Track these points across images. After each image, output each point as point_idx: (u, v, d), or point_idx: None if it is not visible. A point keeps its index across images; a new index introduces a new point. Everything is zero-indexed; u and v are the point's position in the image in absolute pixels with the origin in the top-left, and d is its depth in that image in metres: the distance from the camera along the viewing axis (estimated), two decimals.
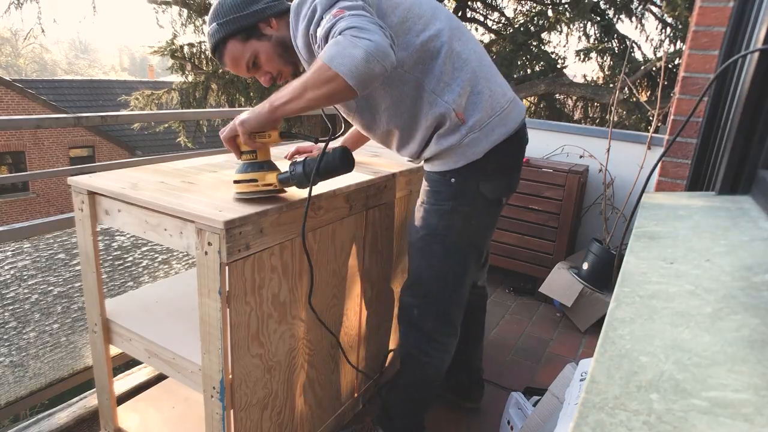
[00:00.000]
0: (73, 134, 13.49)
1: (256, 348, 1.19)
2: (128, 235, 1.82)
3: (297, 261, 1.26)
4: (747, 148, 0.99)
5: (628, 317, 0.56)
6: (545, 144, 3.05)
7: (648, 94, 7.66)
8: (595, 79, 8.69)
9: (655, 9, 7.76)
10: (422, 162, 1.40)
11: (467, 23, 8.43)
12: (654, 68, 7.23)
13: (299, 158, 1.30)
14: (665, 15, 7.47)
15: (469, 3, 8.37)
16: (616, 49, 7.95)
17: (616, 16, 7.84)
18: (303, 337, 1.35)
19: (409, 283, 1.44)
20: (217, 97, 7.74)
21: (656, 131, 2.58)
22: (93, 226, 1.30)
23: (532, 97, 8.38)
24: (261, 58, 1.26)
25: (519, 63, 7.88)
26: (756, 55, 0.99)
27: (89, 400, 1.68)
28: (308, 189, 1.15)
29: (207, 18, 1.26)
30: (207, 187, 1.27)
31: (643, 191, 1.06)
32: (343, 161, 1.14)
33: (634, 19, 7.77)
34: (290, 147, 1.71)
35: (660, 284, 0.63)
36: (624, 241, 1.03)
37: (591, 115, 8.65)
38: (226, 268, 1.06)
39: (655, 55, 7.95)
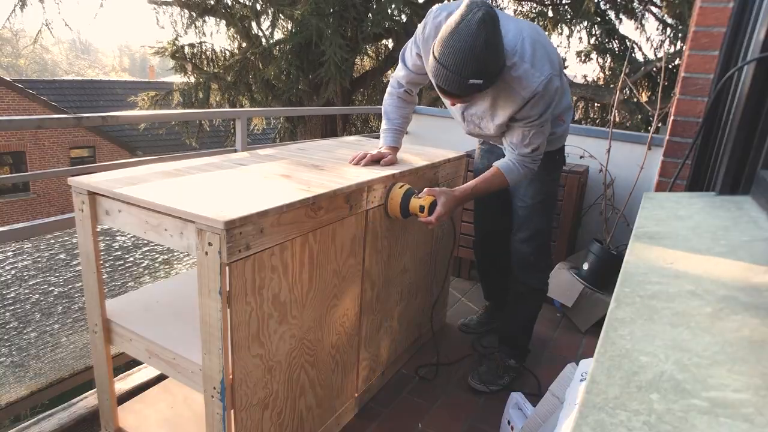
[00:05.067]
0: (74, 134, 13.49)
1: (256, 348, 1.19)
2: (129, 236, 1.82)
3: (297, 261, 1.26)
4: (747, 148, 0.99)
5: (629, 317, 0.56)
6: None
7: (648, 94, 7.66)
8: (595, 79, 8.69)
9: (655, 9, 7.75)
10: None
11: None
12: (654, 69, 7.23)
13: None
14: (665, 16, 7.47)
15: None
16: (617, 49, 7.95)
17: (617, 16, 7.84)
18: (303, 337, 1.35)
19: (528, 236, 1.86)
20: (219, 97, 7.74)
21: (656, 131, 2.58)
22: (93, 226, 1.30)
23: None
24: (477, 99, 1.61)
25: None
26: (756, 56, 0.99)
27: (90, 400, 1.68)
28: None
29: (461, 67, 1.32)
30: (207, 188, 1.27)
31: (672, 184, 1.06)
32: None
33: (634, 19, 7.76)
34: (356, 150, 1.79)
35: (660, 284, 0.63)
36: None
37: (591, 116, 8.65)
38: (227, 268, 1.06)
39: (655, 55, 7.94)
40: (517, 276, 1.94)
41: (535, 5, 8.29)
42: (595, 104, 8.43)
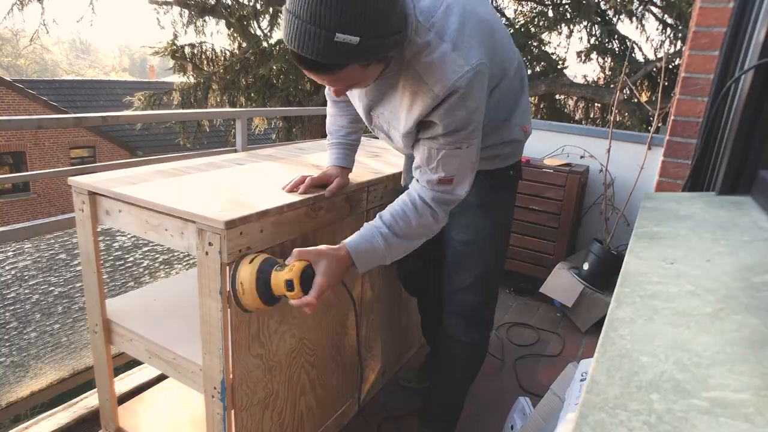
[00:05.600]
0: (74, 134, 13.49)
1: (256, 348, 1.19)
2: (129, 236, 1.82)
3: None
4: (747, 148, 0.99)
5: (629, 317, 0.56)
6: (546, 144, 3.05)
7: (648, 94, 7.66)
8: (595, 79, 8.70)
9: (655, 10, 7.76)
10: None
11: None
12: (654, 69, 7.23)
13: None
14: (665, 16, 7.48)
15: None
16: (617, 49, 7.95)
17: (617, 16, 7.84)
18: (303, 337, 1.35)
19: (472, 281, 1.38)
20: (218, 97, 7.74)
21: (657, 131, 2.58)
22: (94, 226, 1.30)
23: (533, 98, 8.38)
24: (363, 82, 1.01)
25: None
26: (756, 57, 0.99)
27: (90, 400, 1.68)
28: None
29: (323, 15, 0.82)
30: (208, 188, 1.27)
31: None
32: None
33: (634, 19, 7.77)
34: (293, 174, 1.34)
35: (660, 284, 0.63)
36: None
37: (591, 116, 8.65)
38: (227, 268, 1.06)
39: (655, 55, 7.95)
40: (452, 331, 1.44)
41: (535, 5, 8.29)
42: (596, 104, 8.44)
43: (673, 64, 6.88)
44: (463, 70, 0.97)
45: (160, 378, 1.81)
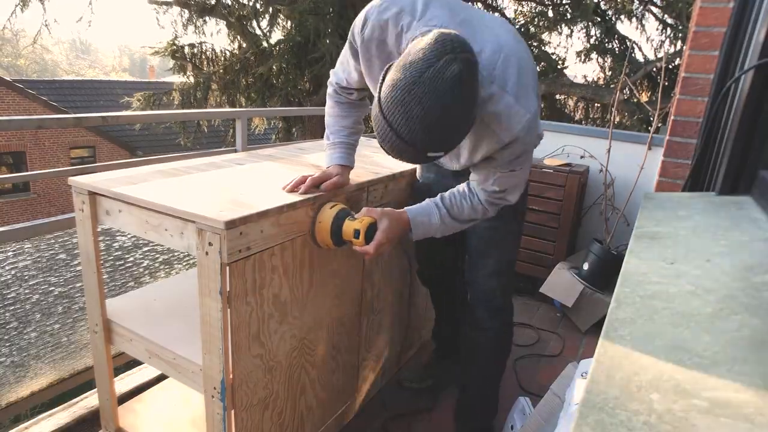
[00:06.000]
0: (74, 134, 13.49)
1: (257, 348, 1.19)
2: (129, 236, 1.82)
3: (297, 261, 1.26)
4: (747, 148, 0.99)
5: (629, 317, 0.56)
6: (546, 144, 3.05)
7: (648, 94, 7.66)
8: (595, 79, 8.69)
9: (655, 10, 7.76)
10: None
11: None
12: (654, 69, 7.23)
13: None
14: (665, 16, 7.48)
15: (470, 3, 8.36)
16: (617, 49, 7.95)
17: (617, 16, 7.84)
18: (304, 337, 1.35)
19: (495, 268, 1.48)
20: (218, 97, 7.74)
21: (657, 132, 2.58)
22: (94, 226, 1.30)
23: None
24: None
25: None
26: (756, 57, 0.99)
27: (90, 400, 1.68)
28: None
29: (418, 140, 0.94)
30: (208, 188, 1.27)
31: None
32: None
33: (634, 19, 7.77)
34: (293, 174, 1.34)
35: (660, 284, 0.63)
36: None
37: (591, 116, 8.65)
38: (227, 268, 1.06)
39: (655, 55, 7.95)
40: (477, 321, 1.52)
41: (535, 5, 8.29)
42: (596, 104, 8.44)
43: (673, 64, 6.88)
44: (525, 119, 1.09)
45: (160, 378, 1.81)
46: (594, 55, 8.09)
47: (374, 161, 1.76)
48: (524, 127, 1.10)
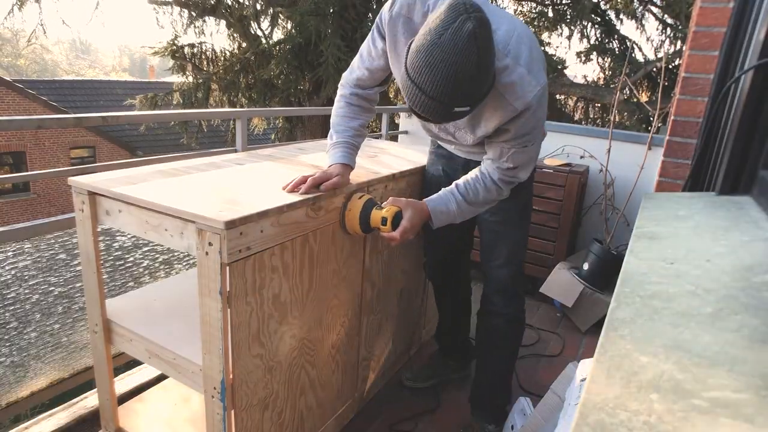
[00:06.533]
0: (74, 134, 13.49)
1: (256, 348, 1.19)
2: (129, 236, 1.82)
3: (297, 261, 1.26)
4: (747, 148, 0.99)
5: (629, 317, 0.56)
6: (546, 144, 3.04)
7: (648, 94, 7.66)
8: (595, 79, 8.70)
9: (655, 10, 7.75)
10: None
11: None
12: (654, 69, 7.23)
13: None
14: (665, 16, 7.48)
15: None
16: (617, 49, 7.95)
17: (617, 17, 7.84)
18: (304, 337, 1.35)
19: (506, 258, 1.58)
20: (218, 97, 7.74)
21: (657, 132, 2.58)
22: (94, 226, 1.30)
23: None
24: None
25: None
26: (756, 57, 0.99)
27: (90, 400, 1.68)
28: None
29: (444, 96, 1.05)
30: (208, 188, 1.27)
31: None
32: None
33: (634, 20, 7.77)
34: (293, 174, 1.33)
35: (660, 284, 0.63)
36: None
37: (591, 116, 8.65)
38: (227, 268, 1.06)
39: (655, 55, 7.95)
40: (492, 307, 1.63)
41: (535, 5, 8.29)
42: (596, 104, 8.44)
43: (673, 64, 6.88)
44: (537, 90, 1.20)
45: (160, 378, 1.81)
46: (594, 56, 8.09)
47: (375, 162, 1.76)
48: (536, 96, 1.20)
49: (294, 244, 1.23)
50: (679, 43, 7.41)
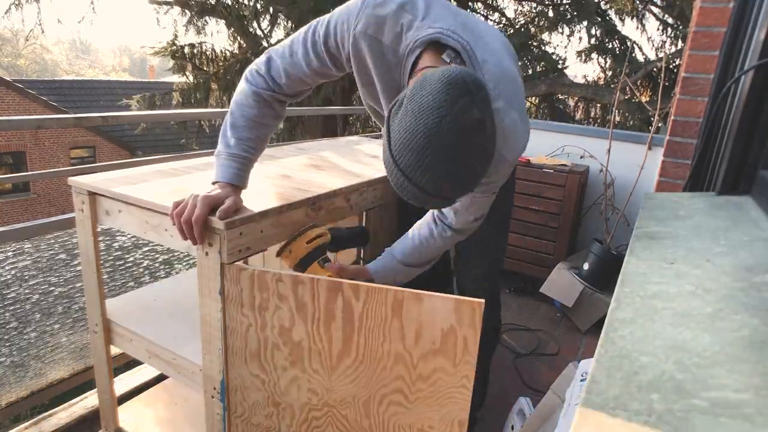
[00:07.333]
0: (74, 135, 13.50)
1: (256, 368, 1.10)
2: (129, 236, 1.82)
3: (321, 308, 1.11)
4: (747, 148, 0.99)
5: (629, 317, 0.56)
6: (546, 144, 3.05)
7: (649, 94, 7.66)
8: (595, 79, 8.70)
9: (655, 10, 7.76)
10: None
11: None
12: (655, 69, 7.24)
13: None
14: (666, 16, 7.48)
15: (470, 3, 8.37)
16: (617, 49, 7.96)
17: (618, 17, 7.85)
18: (331, 405, 1.05)
19: (489, 268, 1.54)
20: (218, 97, 7.74)
21: (657, 132, 2.58)
22: (94, 226, 1.30)
23: (533, 98, 8.39)
24: None
25: (520, 64, 7.89)
26: (756, 57, 0.99)
27: (90, 400, 1.68)
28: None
29: (443, 191, 0.86)
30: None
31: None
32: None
33: (635, 19, 7.78)
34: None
35: (660, 284, 0.63)
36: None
37: (592, 116, 8.66)
38: (227, 268, 1.06)
39: (656, 55, 7.96)
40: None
41: (535, 5, 8.30)
42: (596, 104, 8.44)
43: (673, 64, 6.88)
44: (526, 138, 1.06)
45: (160, 378, 1.81)
46: (594, 55, 8.10)
47: (374, 161, 1.76)
48: (524, 145, 1.06)
49: (318, 287, 0.99)
50: (679, 43, 7.42)
